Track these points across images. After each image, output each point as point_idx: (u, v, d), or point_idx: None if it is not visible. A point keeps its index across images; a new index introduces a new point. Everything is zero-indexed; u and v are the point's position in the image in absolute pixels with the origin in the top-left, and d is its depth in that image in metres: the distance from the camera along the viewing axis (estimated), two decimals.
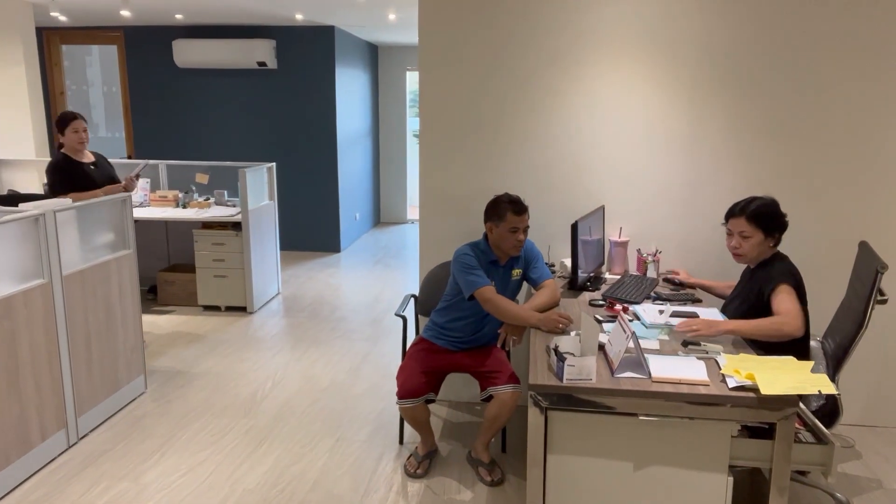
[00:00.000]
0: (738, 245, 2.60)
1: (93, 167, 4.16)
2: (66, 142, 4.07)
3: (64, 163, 4.05)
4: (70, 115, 4.08)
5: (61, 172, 4.03)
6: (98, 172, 4.19)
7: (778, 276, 2.49)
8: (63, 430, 3.15)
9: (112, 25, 7.30)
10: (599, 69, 3.37)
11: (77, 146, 4.08)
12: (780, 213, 2.57)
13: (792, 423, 1.97)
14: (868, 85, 3.22)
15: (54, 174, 4.00)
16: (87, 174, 4.13)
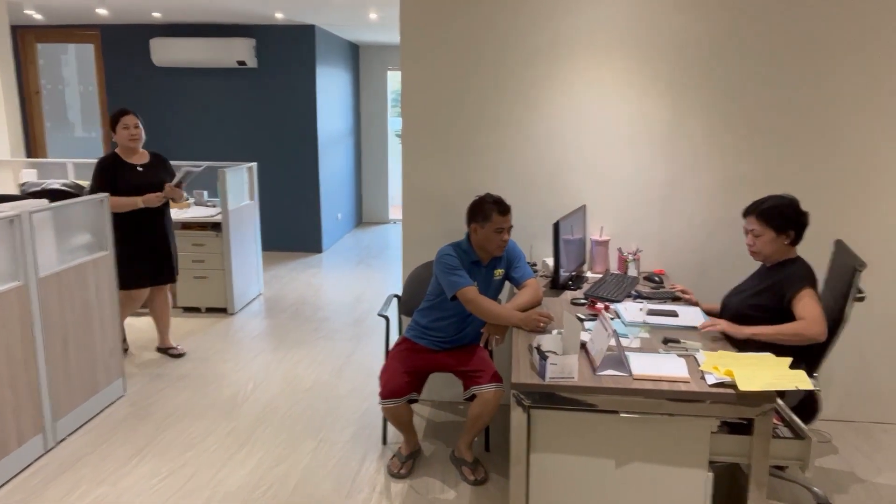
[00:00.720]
0: (752, 243, 2.60)
1: (141, 169, 3.89)
2: (118, 140, 3.86)
3: (108, 162, 3.82)
4: (119, 111, 3.85)
5: (103, 173, 3.80)
6: (146, 175, 3.90)
7: (800, 280, 2.47)
8: (40, 435, 3.10)
9: (88, 24, 7.20)
10: (580, 68, 3.39)
11: (129, 143, 3.83)
12: (792, 212, 2.54)
13: (769, 419, 1.99)
14: (846, 83, 3.28)
15: (96, 174, 3.78)
16: (132, 177, 3.85)
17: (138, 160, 3.91)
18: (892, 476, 2.97)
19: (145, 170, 3.93)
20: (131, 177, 3.86)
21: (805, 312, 2.41)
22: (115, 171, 3.82)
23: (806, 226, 2.56)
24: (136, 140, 3.85)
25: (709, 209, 3.45)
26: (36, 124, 7.50)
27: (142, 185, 3.88)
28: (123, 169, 3.84)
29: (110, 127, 3.85)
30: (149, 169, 3.95)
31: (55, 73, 8.68)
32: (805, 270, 2.52)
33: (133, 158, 3.89)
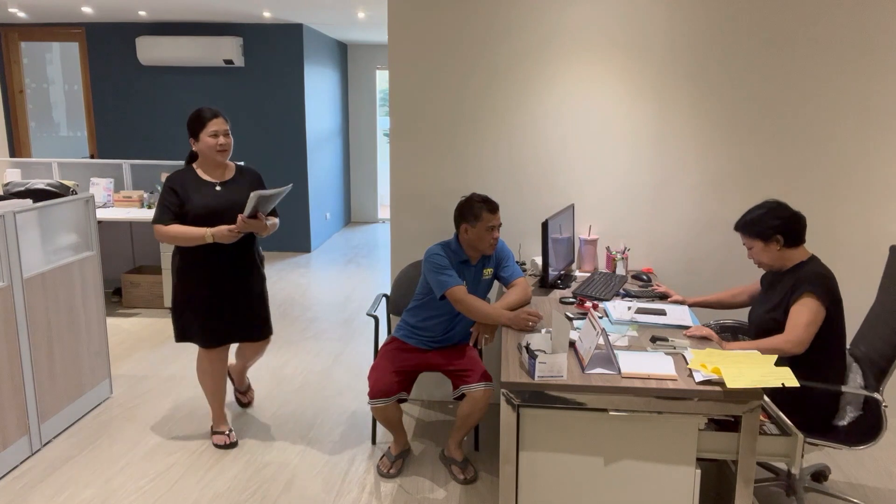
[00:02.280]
0: (751, 257, 2.59)
1: (221, 188, 2.95)
2: (201, 149, 2.90)
3: (179, 180, 2.91)
4: (202, 112, 2.89)
5: (170, 193, 2.89)
6: (226, 197, 2.94)
7: (804, 283, 2.40)
8: (25, 437, 3.06)
9: (73, 22, 7.13)
10: (568, 68, 3.40)
11: (216, 157, 2.91)
12: (772, 218, 2.48)
13: (757, 416, 2.01)
14: (834, 82, 3.31)
15: (162, 194, 2.91)
16: (207, 199, 2.91)
17: (220, 176, 2.99)
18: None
19: (226, 190, 2.96)
20: (206, 199, 2.91)
21: (791, 321, 2.38)
22: (186, 192, 2.89)
23: (799, 227, 2.49)
24: (225, 151, 2.92)
25: (697, 208, 3.47)
26: (20, 124, 7.42)
27: (219, 209, 2.92)
28: (198, 188, 2.92)
29: (189, 132, 2.92)
30: (231, 188, 2.97)
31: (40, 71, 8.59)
32: (812, 275, 2.42)
33: (215, 175, 2.98)
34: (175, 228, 2.86)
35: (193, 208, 2.88)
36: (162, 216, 2.88)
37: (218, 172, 2.99)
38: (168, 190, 2.89)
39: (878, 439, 2.34)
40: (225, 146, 2.91)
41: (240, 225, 2.85)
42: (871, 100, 3.30)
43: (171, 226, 2.87)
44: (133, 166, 5.82)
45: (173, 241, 2.88)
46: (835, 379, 2.43)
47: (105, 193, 5.55)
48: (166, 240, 2.88)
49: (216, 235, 2.85)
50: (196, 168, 2.96)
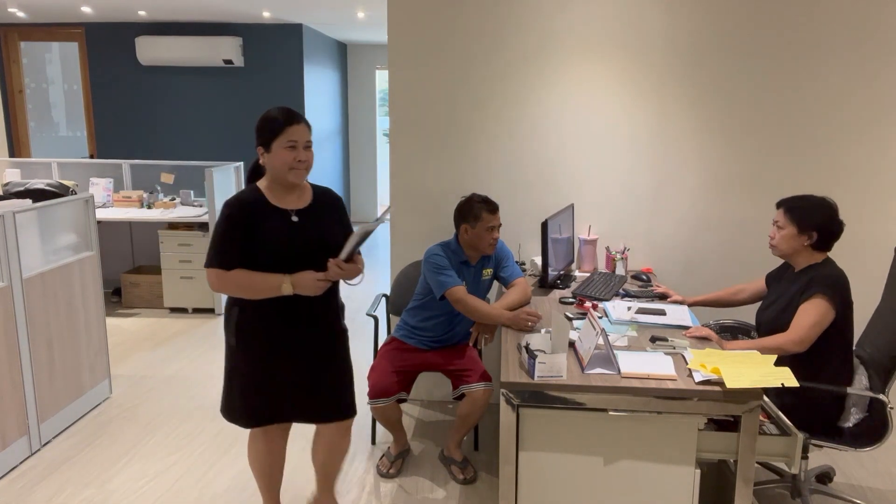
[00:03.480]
0: (773, 235, 2.53)
1: (297, 218, 2.17)
2: (272, 165, 2.13)
3: (241, 205, 2.11)
4: (281, 115, 2.14)
5: (231, 227, 2.10)
6: (304, 232, 2.16)
7: (818, 284, 2.38)
8: (25, 437, 3.06)
9: (73, 22, 7.12)
10: (567, 68, 3.40)
11: (289, 177, 2.13)
12: (821, 215, 2.43)
13: (756, 416, 2.01)
14: (834, 83, 3.31)
15: (218, 225, 2.12)
16: (279, 233, 2.13)
17: (295, 202, 2.20)
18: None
19: (305, 221, 2.19)
20: (280, 234, 2.13)
21: (796, 321, 2.37)
22: (253, 223, 2.12)
23: (835, 234, 2.43)
24: (302, 171, 2.14)
25: (696, 208, 3.47)
26: (20, 123, 7.42)
27: (296, 247, 2.14)
28: (268, 219, 2.13)
29: (258, 139, 2.15)
30: (311, 219, 2.20)
31: (39, 71, 8.58)
32: (827, 277, 2.39)
33: (288, 200, 2.19)
34: (240, 276, 2.08)
35: (263, 247, 2.10)
36: (221, 258, 2.09)
37: (292, 197, 2.19)
38: (228, 221, 2.09)
39: (883, 441, 2.33)
40: (304, 163, 2.13)
41: (333, 272, 2.12)
42: (874, 99, 3.29)
43: (234, 271, 2.09)
44: (133, 166, 5.82)
45: (237, 291, 2.10)
46: (839, 381, 2.42)
47: (105, 193, 5.55)
48: (227, 289, 2.11)
49: (298, 285, 2.09)
50: (263, 190, 2.17)
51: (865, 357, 2.53)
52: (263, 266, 2.11)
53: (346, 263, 2.13)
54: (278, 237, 2.12)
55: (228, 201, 2.13)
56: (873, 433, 2.38)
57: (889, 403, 2.34)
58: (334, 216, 2.28)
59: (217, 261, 2.10)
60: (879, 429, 2.37)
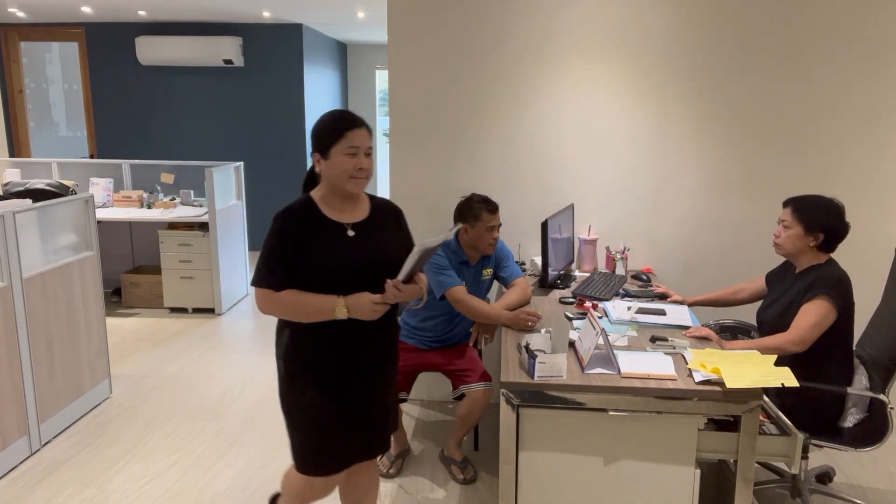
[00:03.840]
0: (778, 234, 2.51)
1: (353, 232, 1.96)
2: (329, 173, 1.92)
3: (294, 218, 1.91)
4: (342, 119, 1.91)
5: (281, 241, 1.89)
6: (361, 247, 1.95)
7: (820, 285, 2.37)
8: (25, 437, 3.06)
9: (73, 22, 7.12)
10: (567, 68, 3.40)
11: (347, 185, 1.92)
12: (829, 216, 2.42)
13: (756, 416, 2.01)
14: (834, 84, 3.31)
15: (268, 240, 1.91)
16: (335, 249, 1.91)
17: (351, 214, 1.99)
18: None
19: (363, 235, 1.98)
20: (337, 250, 1.92)
21: (797, 322, 2.37)
22: (307, 238, 1.90)
23: (841, 236, 2.43)
24: (362, 179, 1.94)
25: (696, 208, 3.47)
26: (20, 123, 7.42)
27: (351, 265, 1.92)
28: (323, 233, 1.92)
29: (314, 144, 1.94)
30: (369, 233, 1.99)
31: (39, 71, 8.58)
32: (830, 278, 2.39)
33: (344, 212, 1.98)
34: (291, 297, 1.87)
35: (316, 264, 1.88)
36: (270, 277, 1.88)
37: (348, 209, 1.98)
38: (279, 236, 1.89)
39: (883, 441, 2.33)
40: (365, 171, 1.92)
41: (392, 294, 1.88)
42: (874, 99, 3.29)
43: (284, 292, 1.88)
44: (133, 166, 5.82)
45: (287, 313, 1.90)
46: (839, 381, 2.42)
47: (104, 193, 5.55)
48: (276, 311, 1.90)
49: (353, 308, 1.87)
50: (317, 201, 1.96)
51: (865, 357, 2.53)
52: (316, 286, 1.89)
53: (405, 284, 1.89)
54: (333, 254, 1.89)
55: (279, 214, 1.91)
56: (873, 433, 2.38)
57: (889, 403, 2.33)
58: (394, 231, 2.05)
59: (266, 280, 1.88)
60: (879, 429, 2.37)
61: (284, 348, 1.97)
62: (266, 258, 1.90)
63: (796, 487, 2.62)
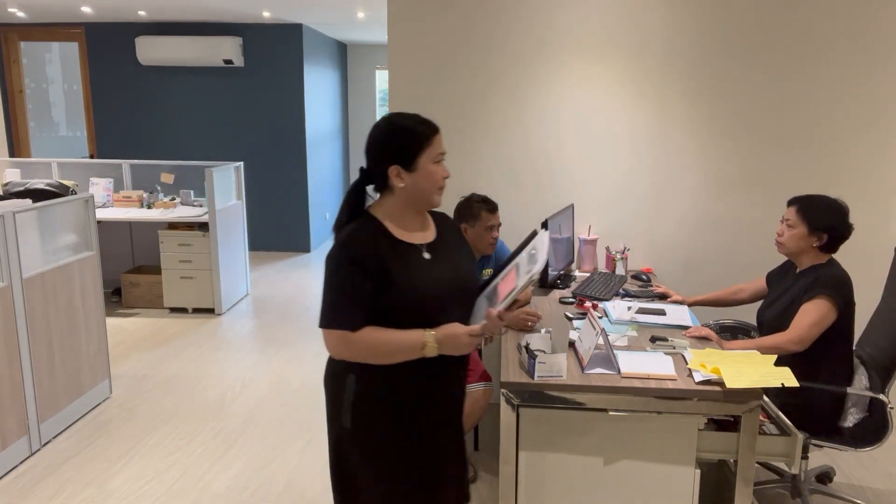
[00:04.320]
0: (781, 233, 2.50)
1: (428, 255, 1.70)
2: (418, 184, 1.66)
3: (364, 242, 1.62)
4: (424, 123, 1.68)
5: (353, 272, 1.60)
6: (436, 273, 1.68)
7: (821, 285, 2.37)
8: (25, 437, 3.06)
9: (73, 22, 7.12)
10: (567, 67, 3.40)
11: (433, 198, 1.70)
12: (833, 217, 2.41)
13: (756, 416, 2.01)
14: (834, 83, 3.31)
15: (337, 270, 1.61)
16: (415, 275, 1.64)
17: (422, 235, 1.73)
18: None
19: (437, 257, 1.72)
20: (416, 277, 1.65)
21: (796, 321, 2.37)
22: (384, 266, 1.62)
23: (844, 237, 2.42)
24: (441, 190, 1.71)
25: (696, 208, 3.47)
26: (20, 123, 7.42)
27: (433, 293, 1.66)
28: (398, 258, 1.65)
29: (394, 156, 1.66)
30: (444, 253, 1.74)
31: (39, 71, 8.58)
32: (831, 278, 2.38)
33: (415, 232, 1.72)
34: (373, 337, 1.60)
35: (399, 295, 1.61)
36: (346, 316, 1.60)
37: (418, 227, 1.73)
38: (352, 266, 1.59)
39: (883, 441, 2.33)
40: (445, 179, 1.71)
41: (492, 325, 1.61)
42: (874, 99, 3.29)
43: (364, 331, 1.60)
44: (133, 166, 5.82)
45: (368, 355, 1.61)
46: (839, 381, 2.42)
47: (105, 193, 5.55)
48: (356, 355, 1.62)
49: (445, 344, 1.61)
50: (383, 221, 1.68)
51: (865, 357, 2.53)
52: (394, 320, 1.61)
53: (504, 315, 1.63)
54: (415, 281, 1.62)
55: (344, 241, 1.61)
56: (873, 433, 2.38)
57: (889, 403, 2.33)
58: (462, 249, 1.81)
59: (341, 320, 1.59)
60: (879, 429, 2.37)
61: (351, 401, 1.65)
62: (337, 294, 1.60)
63: (796, 487, 2.62)
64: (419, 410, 1.68)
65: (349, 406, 1.67)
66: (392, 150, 1.65)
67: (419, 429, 1.68)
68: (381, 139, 1.68)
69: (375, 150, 1.68)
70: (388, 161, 1.66)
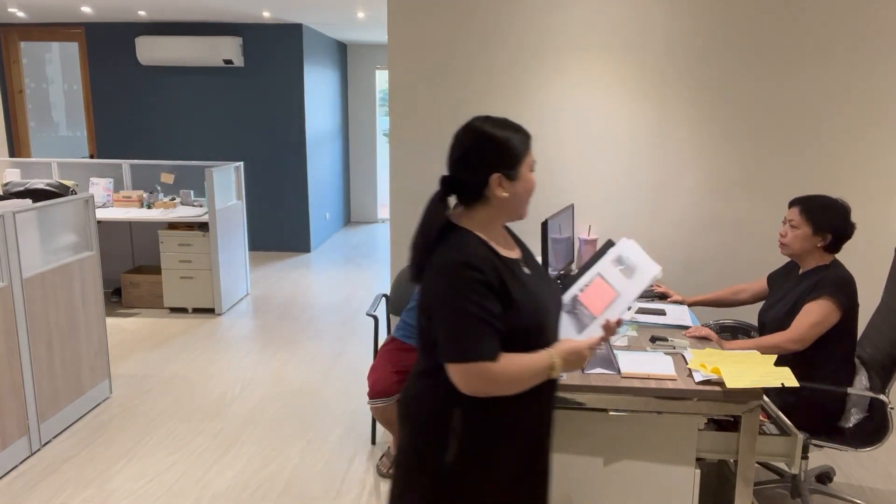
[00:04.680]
0: (784, 233, 2.49)
1: (528, 270, 1.62)
2: (518, 193, 1.58)
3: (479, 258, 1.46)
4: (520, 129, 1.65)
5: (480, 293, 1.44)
6: (540, 286, 1.60)
7: (825, 286, 2.37)
8: (25, 437, 3.06)
9: (73, 22, 7.12)
10: (568, 68, 3.40)
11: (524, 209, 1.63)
12: (837, 217, 2.41)
13: (756, 416, 2.01)
14: (835, 85, 3.31)
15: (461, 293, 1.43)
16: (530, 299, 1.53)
17: (513, 250, 1.65)
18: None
19: (533, 272, 1.64)
20: (532, 292, 1.55)
21: (797, 321, 2.37)
22: (503, 285, 1.49)
23: (847, 237, 2.43)
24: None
25: (696, 208, 3.47)
26: (20, 123, 7.42)
27: (548, 309, 1.59)
28: (512, 275, 1.53)
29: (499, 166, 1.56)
30: (534, 268, 1.67)
31: (39, 71, 8.58)
32: (835, 279, 2.38)
33: (507, 247, 1.63)
34: (510, 365, 1.46)
35: (522, 316, 1.49)
36: (483, 345, 1.43)
37: (503, 240, 1.63)
38: (481, 286, 1.44)
39: (883, 441, 2.33)
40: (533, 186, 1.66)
41: (610, 333, 1.62)
42: (874, 99, 3.29)
43: (502, 362, 1.45)
44: (133, 166, 5.82)
45: (507, 388, 1.47)
46: (840, 381, 2.42)
47: (104, 193, 5.55)
48: (496, 389, 1.46)
49: (568, 361, 1.54)
50: (481, 235, 1.55)
51: (866, 357, 2.53)
52: (519, 343, 1.49)
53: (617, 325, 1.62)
54: (534, 299, 1.52)
55: (461, 262, 1.44)
56: (874, 433, 2.38)
57: (889, 403, 2.33)
58: (536, 260, 1.71)
59: (481, 351, 1.42)
60: (880, 429, 2.37)
61: (461, 432, 1.50)
62: (468, 322, 1.41)
63: (796, 487, 2.62)
64: (527, 435, 1.57)
65: (456, 443, 1.51)
66: (496, 158, 1.53)
67: (527, 453, 1.59)
68: (482, 145, 1.54)
69: (475, 158, 1.54)
70: (490, 169, 1.53)
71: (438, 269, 1.45)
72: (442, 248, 1.48)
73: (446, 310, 1.43)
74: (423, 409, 1.55)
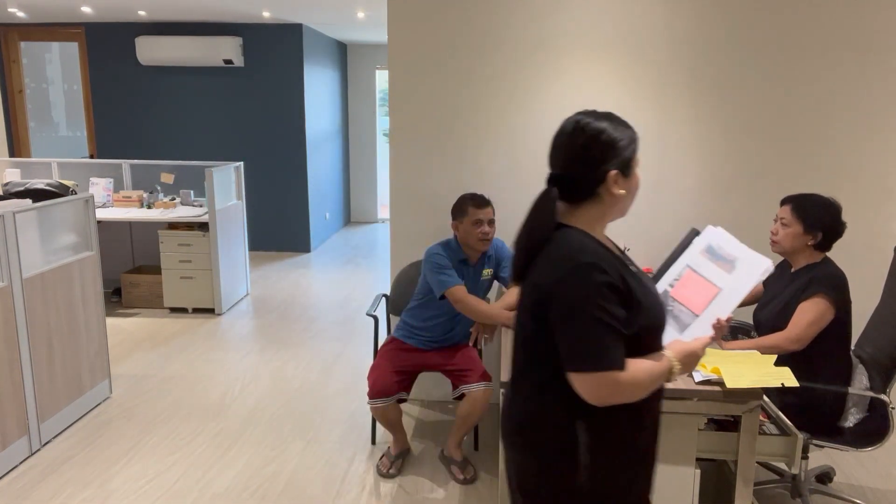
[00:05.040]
0: (776, 232, 2.50)
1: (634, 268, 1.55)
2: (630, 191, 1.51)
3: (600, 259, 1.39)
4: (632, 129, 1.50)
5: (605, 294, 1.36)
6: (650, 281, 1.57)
7: (818, 284, 2.38)
8: (25, 437, 3.06)
9: (73, 22, 7.12)
10: (568, 67, 3.40)
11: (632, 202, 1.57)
12: (828, 215, 2.42)
13: (756, 416, 2.01)
14: (835, 83, 3.31)
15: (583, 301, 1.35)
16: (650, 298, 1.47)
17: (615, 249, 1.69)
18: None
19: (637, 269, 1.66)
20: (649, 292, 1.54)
21: (794, 320, 2.37)
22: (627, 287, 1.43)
23: (838, 235, 2.43)
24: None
25: (696, 208, 3.47)
26: (20, 123, 7.42)
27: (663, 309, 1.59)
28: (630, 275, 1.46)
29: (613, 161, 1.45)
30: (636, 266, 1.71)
31: (39, 71, 8.59)
32: (827, 276, 2.39)
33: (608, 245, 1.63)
34: (638, 372, 1.39)
35: (649, 317, 1.44)
36: (615, 352, 1.37)
37: (606, 238, 1.59)
38: (606, 290, 1.37)
39: (884, 441, 2.33)
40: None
41: (720, 332, 1.70)
42: (874, 100, 3.29)
43: (631, 369, 1.39)
44: (133, 166, 5.82)
45: (633, 394, 1.39)
46: (837, 380, 2.42)
47: (104, 193, 5.55)
48: (622, 395, 1.38)
49: (686, 362, 1.53)
50: (591, 233, 1.51)
51: (865, 357, 2.52)
52: (641, 346, 1.43)
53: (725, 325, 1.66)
54: (654, 299, 1.47)
55: (587, 264, 1.36)
56: (874, 433, 2.38)
57: (890, 403, 2.33)
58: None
59: (612, 360, 1.35)
60: (880, 429, 2.37)
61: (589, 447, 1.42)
62: (597, 328, 1.34)
63: (796, 487, 2.62)
64: (649, 443, 1.51)
65: (587, 460, 1.42)
66: (613, 154, 1.44)
67: (648, 462, 1.52)
68: (599, 142, 1.43)
69: (593, 155, 1.43)
70: (608, 166, 1.44)
71: (563, 271, 1.37)
72: (555, 248, 1.41)
73: (575, 315, 1.35)
74: (547, 426, 1.45)
